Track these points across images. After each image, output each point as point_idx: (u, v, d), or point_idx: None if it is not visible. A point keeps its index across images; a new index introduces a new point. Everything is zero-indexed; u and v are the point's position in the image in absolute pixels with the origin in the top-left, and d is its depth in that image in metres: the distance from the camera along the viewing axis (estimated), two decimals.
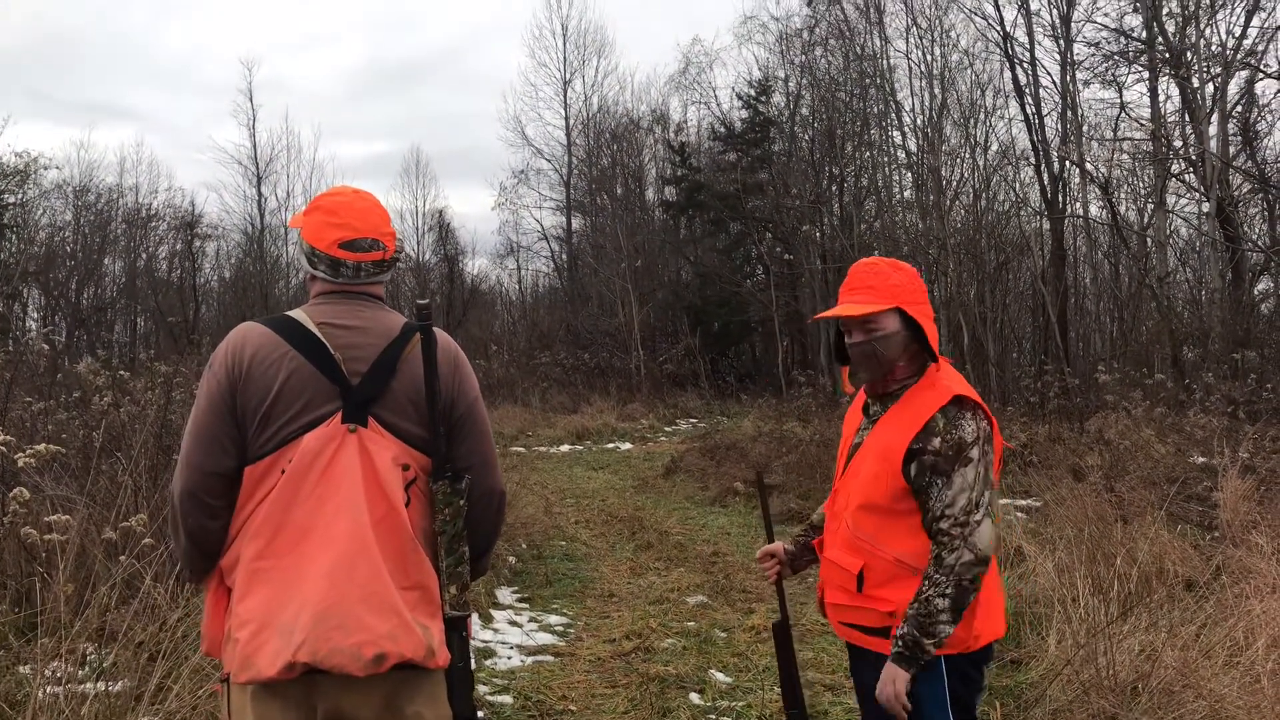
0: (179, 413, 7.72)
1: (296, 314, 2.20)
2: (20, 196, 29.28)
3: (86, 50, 49.95)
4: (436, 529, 2.13)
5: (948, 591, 2.35)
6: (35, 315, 30.34)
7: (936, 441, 2.41)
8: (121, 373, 7.80)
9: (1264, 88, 17.15)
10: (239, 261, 34.34)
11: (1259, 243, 17.05)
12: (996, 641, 2.60)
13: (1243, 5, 15.79)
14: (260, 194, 33.26)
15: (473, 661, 2.25)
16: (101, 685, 3.69)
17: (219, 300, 34.15)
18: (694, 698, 4.91)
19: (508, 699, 4.88)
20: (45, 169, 29.07)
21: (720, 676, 5.22)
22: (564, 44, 33.33)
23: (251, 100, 33.52)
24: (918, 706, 2.45)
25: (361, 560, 2.02)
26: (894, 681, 2.40)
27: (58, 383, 9.01)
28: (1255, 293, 16.62)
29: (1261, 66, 16.09)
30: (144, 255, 32.89)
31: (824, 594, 2.73)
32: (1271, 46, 17.14)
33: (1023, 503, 8.14)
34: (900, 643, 2.39)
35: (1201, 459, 8.25)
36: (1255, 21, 15.88)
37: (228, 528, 2.14)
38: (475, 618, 2.39)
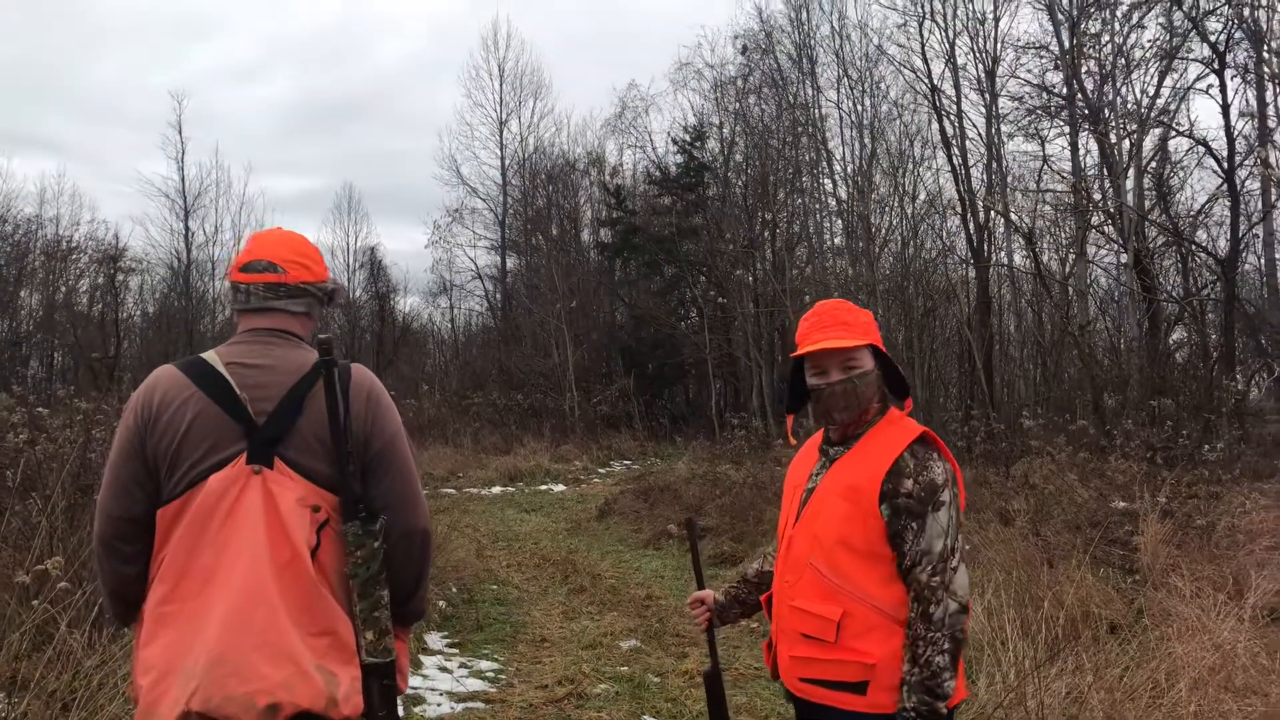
0: (99, 451, 7.49)
1: (209, 355, 2.19)
2: None
3: (3, 78, 48.71)
4: (349, 572, 2.06)
5: (945, 647, 2.26)
6: None
7: (909, 484, 2.33)
8: (39, 410, 7.54)
9: (1176, 145, 17.84)
10: (163, 296, 33.56)
11: (1173, 294, 17.67)
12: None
13: (1156, 66, 16.48)
14: (188, 228, 32.58)
15: (399, 710, 2.17)
16: None
17: (141, 336, 33.28)
18: None
19: None
20: None
21: None
22: (501, 85, 33.52)
23: (180, 133, 32.87)
24: None
25: (258, 606, 1.96)
26: None
27: None
28: (1170, 342, 17.18)
29: (1174, 125, 16.79)
30: (63, 288, 31.98)
31: (777, 648, 2.56)
32: (1183, 106, 17.88)
33: None
34: (915, 714, 2.26)
35: (1122, 504, 8.46)
36: (1168, 82, 16.58)
37: (145, 574, 2.10)
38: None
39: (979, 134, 19.72)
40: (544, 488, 17.50)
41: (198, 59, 52.27)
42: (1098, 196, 17.30)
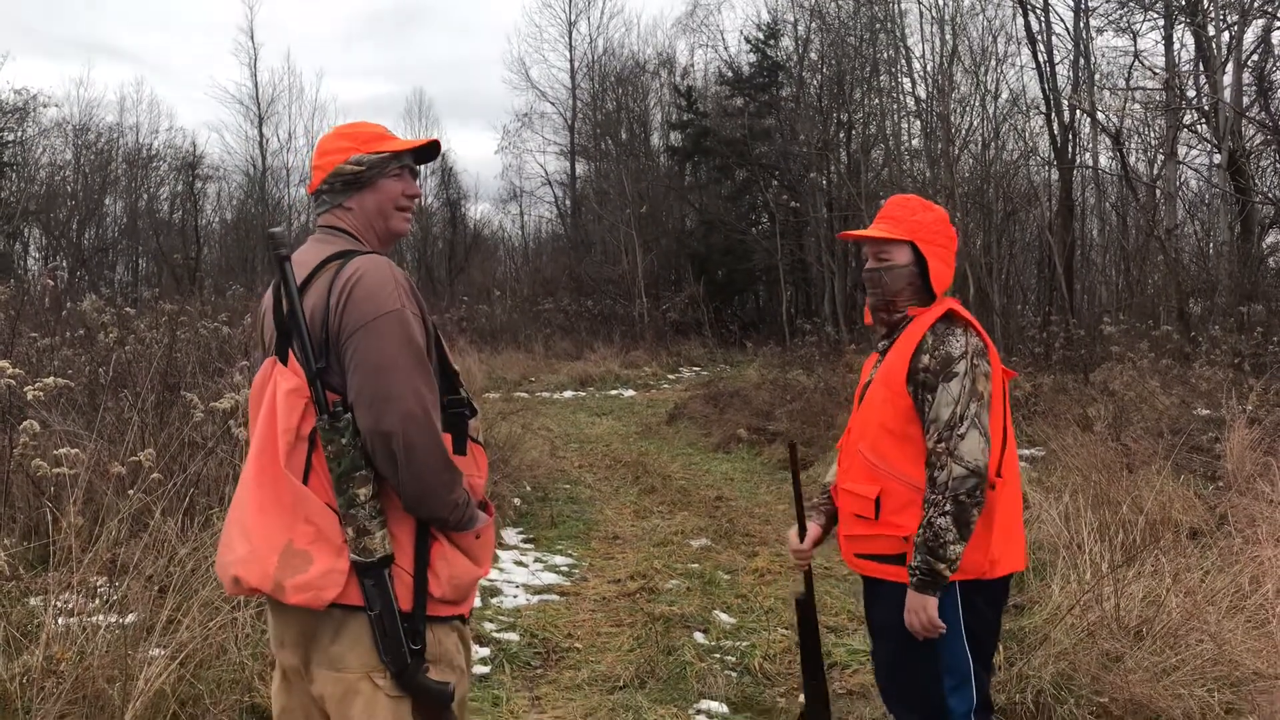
0: (183, 350, 7.72)
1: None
2: (20, 134, 29.02)
3: None
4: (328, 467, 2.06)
5: (947, 509, 2.38)
6: (36, 254, 30.25)
7: (926, 359, 2.50)
8: (127, 309, 7.77)
9: None
10: (240, 203, 34.12)
11: (1270, 195, 16.88)
12: (1014, 576, 2.61)
13: None
14: (262, 135, 32.97)
15: (419, 608, 2.07)
16: (113, 617, 3.72)
17: (221, 242, 33.97)
18: (698, 637, 4.95)
19: (514, 636, 4.93)
20: (45, 107, 28.78)
21: (724, 617, 5.27)
22: None
23: (253, 39, 33.34)
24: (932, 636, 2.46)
25: (244, 488, 2.12)
26: (924, 609, 2.43)
27: (62, 320, 8.98)
28: (1264, 246, 16.49)
29: (1279, 15, 15.83)
30: (145, 196, 32.65)
31: (839, 529, 2.76)
32: None
33: (1027, 452, 8.15)
34: (917, 572, 2.44)
35: (1206, 411, 8.24)
36: None
37: None
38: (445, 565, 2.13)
39: (1066, 28, 18.85)
40: (614, 393, 17.64)
41: None
42: (1192, 93, 16.50)
